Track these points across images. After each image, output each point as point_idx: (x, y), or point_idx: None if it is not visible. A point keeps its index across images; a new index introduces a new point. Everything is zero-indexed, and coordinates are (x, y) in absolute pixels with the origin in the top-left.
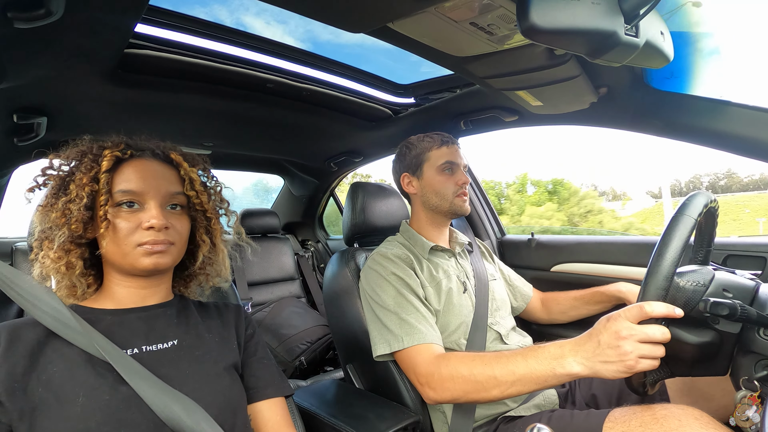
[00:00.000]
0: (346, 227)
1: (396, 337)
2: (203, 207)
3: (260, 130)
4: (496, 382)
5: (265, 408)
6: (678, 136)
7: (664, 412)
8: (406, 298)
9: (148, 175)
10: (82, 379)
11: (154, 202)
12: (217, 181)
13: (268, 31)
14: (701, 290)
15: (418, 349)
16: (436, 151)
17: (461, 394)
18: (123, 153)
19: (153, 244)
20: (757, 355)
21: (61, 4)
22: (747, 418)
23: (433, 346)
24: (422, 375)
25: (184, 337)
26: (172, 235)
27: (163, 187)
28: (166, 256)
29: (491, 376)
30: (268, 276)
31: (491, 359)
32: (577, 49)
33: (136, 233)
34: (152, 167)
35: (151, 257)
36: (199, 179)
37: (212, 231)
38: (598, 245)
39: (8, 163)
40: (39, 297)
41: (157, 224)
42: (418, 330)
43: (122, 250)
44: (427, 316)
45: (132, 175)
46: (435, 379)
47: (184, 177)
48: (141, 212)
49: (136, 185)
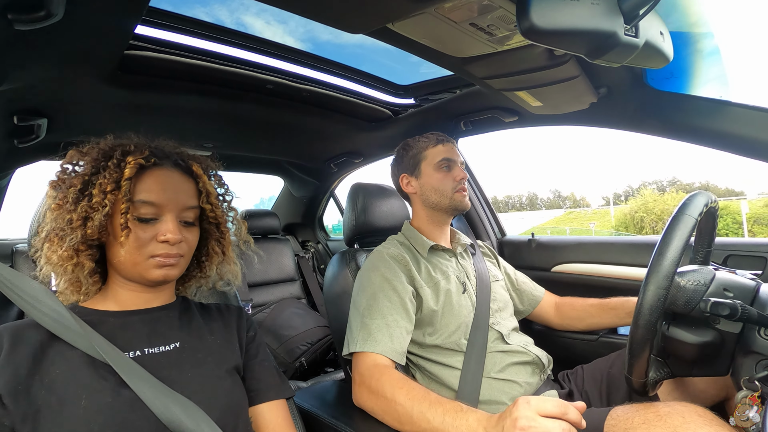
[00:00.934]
0: (347, 228)
1: (354, 339)
2: (217, 220)
3: (260, 131)
4: (409, 421)
5: (266, 410)
6: (677, 136)
7: (667, 410)
8: (378, 303)
9: (168, 186)
10: (84, 382)
11: (171, 215)
12: (227, 189)
13: (269, 31)
14: (702, 290)
15: (365, 355)
16: (433, 150)
17: (379, 413)
18: (147, 160)
19: (166, 257)
20: (757, 355)
21: (62, 6)
22: (747, 418)
23: (379, 357)
24: (359, 374)
25: (186, 340)
26: (182, 248)
27: (182, 200)
28: (176, 269)
29: (407, 413)
30: (268, 277)
31: (417, 396)
32: (577, 49)
33: (150, 244)
34: (173, 179)
35: (162, 269)
36: (215, 192)
37: (224, 242)
38: (599, 245)
39: (8, 164)
40: (39, 299)
41: (173, 239)
42: (373, 338)
43: (134, 259)
44: (392, 325)
45: (153, 185)
46: (366, 385)
47: (201, 190)
48: (158, 223)
49: (156, 197)
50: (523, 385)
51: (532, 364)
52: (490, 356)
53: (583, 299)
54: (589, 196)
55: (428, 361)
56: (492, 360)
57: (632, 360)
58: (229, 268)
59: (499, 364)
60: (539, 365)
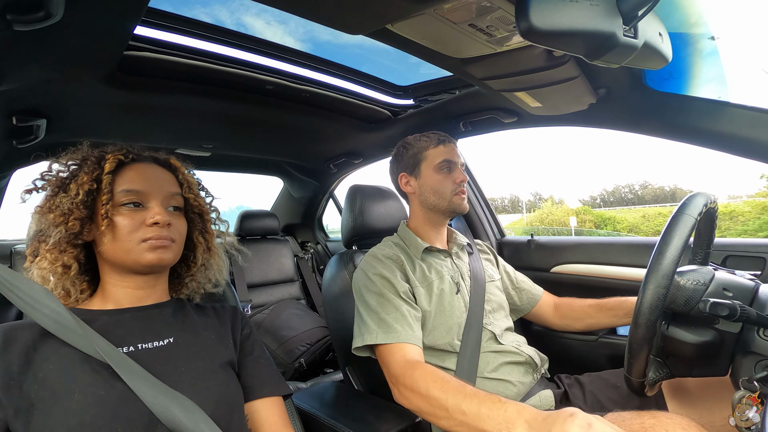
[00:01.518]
0: (345, 229)
1: (371, 332)
2: (201, 209)
3: (259, 132)
4: (445, 414)
5: (263, 407)
6: (677, 136)
7: (652, 421)
8: (387, 298)
9: (149, 176)
10: (77, 376)
11: (157, 201)
12: (208, 192)
13: (269, 32)
14: (701, 289)
15: (391, 348)
16: (433, 150)
17: (417, 409)
18: (125, 157)
19: (158, 239)
20: (757, 355)
21: (61, 7)
22: (747, 418)
23: (407, 346)
24: (391, 375)
25: (180, 335)
26: (173, 232)
27: (165, 188)
28: (169, 252)
29: (442, 406)
30: (267, 278)
31: (451, 388)
32: (576, 50)
33: (140, 230)
34: (153, 170)
35: (156, 252)
36: (196, 183)
37: (207, 234)
38: (598, 246)
39: (7, 165)
40: (38, 299)
41: (162, 220)
42: (394, 329)
43: (125, 246)
44: (408, 316)
45: (135, 176)
46: (401, 383)
47: (182, 181)
48: (144, 211)
49: (139, 185)
50: (516, 385)
51: (525, 364)
52: (483, 356)
53: (582, 299)
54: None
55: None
56: (485, 360)
57: (631, 360)
58: (215, 261)
59: (492, 363)
60: (532, 365)
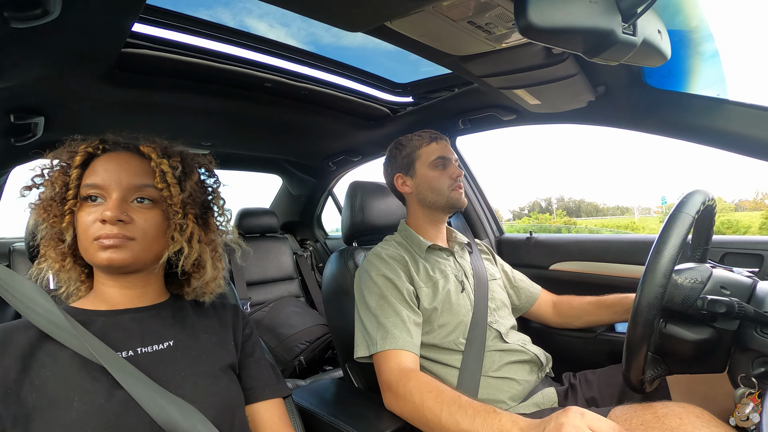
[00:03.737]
0: (345, 226)
1: (372, 340)
2: (172, 200)
3: (258, 130)
4: (438, 425)
5: (263, 409)
6: (675, 134)
7: (665, 410)
8: (388, 301)
9: (112, 167)
10: (76, 384)
11: (116, 195)
12: (217, 179)
13: (271, 33)
14: (699, 287)
15: (387, 354)
16: (427, 148)
17: (408, 418)
18: (95, 149)
19: (106, 237)
20: (754, 352)
21: (58, 4)
22: (747, 417)
23: (403, 353)
24: (384, 382)
25: (180, 338)
26: (131, 230)
27: (126, 179)
28: (122, 252)
29: (436, 417)
30: (266, 275)
31: (446, 399)
32: (575, 47)
33: (93, 227)
34: (120, 160)
35: (106, 252)
36: (171, 171)
37: (186, 230)
38: (597, 243)
39: (5, 163)
40: (32, 299)
41: (109, 216)
42: (391, 335)
43: (83, 245)
44: (407, 321)
45: (99, 168)
46: (393, 391)
47: (154, 169)
48: (101, 206)
49: (100, 178)
50: (522, 383)
51: (531, 362)
52: (488, 355)
53: (581, 297)
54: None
55: (427, 360)
56: (490, 359)
57: (630, 357)
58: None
59: (498, 362)
60: (537, 363)
